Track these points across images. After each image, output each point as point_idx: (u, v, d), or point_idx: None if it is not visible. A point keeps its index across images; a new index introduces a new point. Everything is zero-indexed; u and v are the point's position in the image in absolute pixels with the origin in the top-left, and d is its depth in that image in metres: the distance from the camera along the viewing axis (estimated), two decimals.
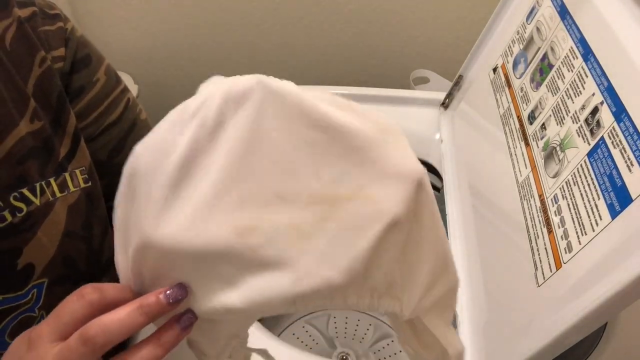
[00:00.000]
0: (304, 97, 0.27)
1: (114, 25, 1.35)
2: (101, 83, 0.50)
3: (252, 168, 0.26)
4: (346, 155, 0.27)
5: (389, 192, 0.27)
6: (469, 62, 0.71)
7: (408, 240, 0.28)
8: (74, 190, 0.45)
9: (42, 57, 0.44)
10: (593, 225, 0.35)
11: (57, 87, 0.45)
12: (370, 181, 0.27)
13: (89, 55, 0.50)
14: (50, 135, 0.44)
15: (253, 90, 0.28)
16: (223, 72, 0.33)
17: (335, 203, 0.26)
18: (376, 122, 0.28)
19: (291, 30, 1.31)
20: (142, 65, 1.43)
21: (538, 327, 0.37)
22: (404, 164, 0.27)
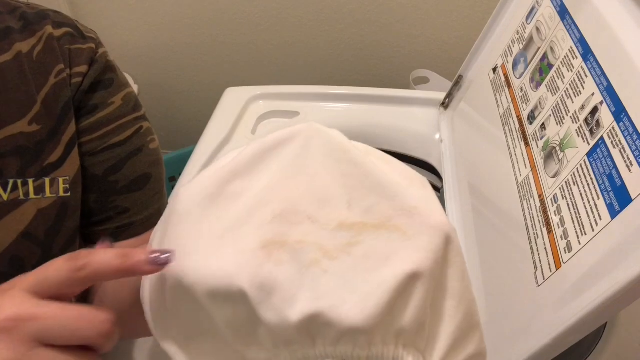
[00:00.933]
0: (344, 138, 0.31)
1: (114, 25, 1.35)
2: (115, 106, 0.52)
3: (289, 192, 0.29)
4: (377, 191, 0.29)
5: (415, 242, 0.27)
6: (469, 62, 0.71)
7: (435, 292, 0.28)
8: (50, 196, 0.46)
9: (60, 69, 0.47)
10: (593, 225, 0.35)
11: (65, 98, 0.47)
12: (397, 214, 0.28)
13: (112, 79, 0.52)
14: (43, 140, 0.45)
15: (301, 130, 0.31)
16: (223, 72, 0.33)
17: (363, 231, 0.28)
18: (403, 171, 0.31)
19: (291, 30, 1.31)
20: (142, 65, 1.43)
21: (538, 327, 0.37)
22: (432, 216, 0.28)
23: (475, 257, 0.54)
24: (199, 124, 0.79)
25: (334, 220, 0.28)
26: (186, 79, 1.44)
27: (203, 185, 0.30)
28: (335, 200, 0.28)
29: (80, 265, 0.27)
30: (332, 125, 0.33)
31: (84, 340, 0.27)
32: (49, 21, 0.48)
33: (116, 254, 0.28)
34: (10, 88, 0.44)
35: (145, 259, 0.28)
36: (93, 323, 0.27)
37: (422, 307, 0.27)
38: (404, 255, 0.27)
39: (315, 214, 0.28)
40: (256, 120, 0.77)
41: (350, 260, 0.27)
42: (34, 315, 0.26)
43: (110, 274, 0.28)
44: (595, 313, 0.31)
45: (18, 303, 0.26)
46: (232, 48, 1.36)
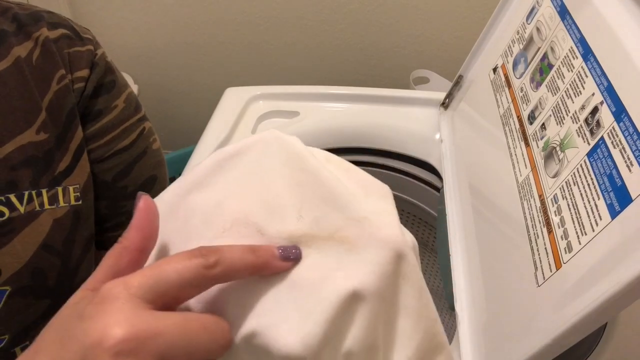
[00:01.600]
0: (302, 146, 0.30)
1: (114, 25, 1.35)
2: (119, 109, 0.52)
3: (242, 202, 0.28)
4: (329, 200, 0.28)
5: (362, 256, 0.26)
6: (469, 62, 0.71)
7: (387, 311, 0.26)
8: (64, 205, 0.45)
9: (61, 75, 0.47)
10: (593, 225, 0.35)
11: (69, 105, 0.47)
12: (346, 225, 0.27)
13: (113, 81, 0.52)
14: (52, 149, 0.45)
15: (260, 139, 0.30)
16: (223, 72, 0.34)
17: (311, 243, 0.27)
18: (361, 179, 0.30)
19: (291, 30, 1.31)
20: (142, 65, 1.43)
21: (538, 327, 0.37)
22: (383, 229, 0.27)
23: (475, 257, 0.54)
24: (199, 124, 0.79)
25: (283, 232, 0.27)
26: (186, 79, 1.44)
27: (166, 197, 0.30)
28: (286, 210, 0.27)
29: (212, 262, 0.23)
30: (333, 125, 0.32)
31: (206, 353, 0.23)
32: (44, 23, 0.47)
33: (246, 248, 0.25)
34: (14, 96, 0.43)
35: (276, 254, 0.25)
36: (216, 334, 0.24)
37: (369, 328, 0.25)
38: (348, 270, 0.25)
39: (265, 226, 0.27)
40: (256, 120, 0.77)
41: (295, 275, 0.26)
42: (156, 331, 0.21)
43: (245, 270, 0.25)
44: (595, 313, 0.31)
45: (132, 317, 0.21)
46: (232, 48, 1.36)
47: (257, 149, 0.30)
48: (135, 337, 0.21)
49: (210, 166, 0.30)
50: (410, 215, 0.86)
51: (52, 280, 0.44)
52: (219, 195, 0.29)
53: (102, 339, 0.21)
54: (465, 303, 0.52)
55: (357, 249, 0.26)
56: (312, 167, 0.29)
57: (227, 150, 0.31)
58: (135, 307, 0.22)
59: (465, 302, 0.52)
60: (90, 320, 0.22)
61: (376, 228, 0.27)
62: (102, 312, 0.22)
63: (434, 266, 0.89)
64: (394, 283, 0.26)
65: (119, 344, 0.21)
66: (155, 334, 0.21)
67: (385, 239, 0.27)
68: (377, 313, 0.26)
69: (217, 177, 0.30)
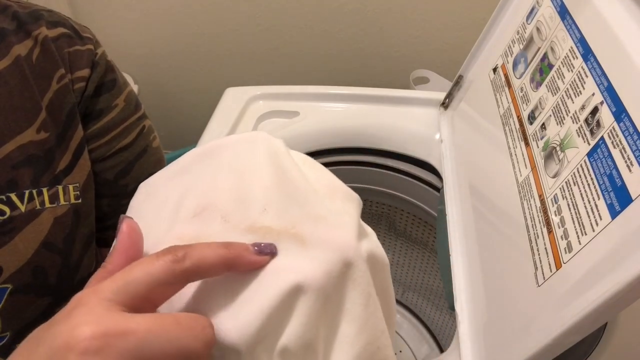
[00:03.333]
0: (284, 147, 0.31)
1: (114, 25, 1.35)
2: (119, 108, 0.52)
3: (214, 190, 0.29)
4: (293, 197, 0.29)
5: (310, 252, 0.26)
6: (469, 62, 0.71)
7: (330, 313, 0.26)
8: (64, 203, 0.46)
9: (61, 74, 0.47)
10: (593, 225, 0.35)
11: (69, 104, 0.47)
12: (303, 221, 0.28)
13: (114, 80, 0.52)
14: (52, 147, 0.45)
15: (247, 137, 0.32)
16: (223, 72, 0.34)
17: (267, 235, 0.27)
18: (332, 184, 0.31)
19: (291, 30, 1.31)
20: (142, 65, 1.43)
21: (538, 327, 0.37)
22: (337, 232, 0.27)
23: (475, 257, 0.54)
24: (199, 124, 0.79)
25: (244, 222, 0.28)
26: (186, 79, 1.44)
27: (153, 179, 0.32)
28: (253, 203, 0.28)
29: (180, 256, 0.23)
30: (333, 125, 0.34)
31: (185, 350, 0.22)
32: (43, 21, 0.47)
33: (219, 243, 0.25)
34: (14, 95, 0.43)
35: (250, 248, 0.25)
36: (194, 330, 0.23)
37: (308, 325, 0.25)
38: (295, 265, 0.26)
39: (229, 214, 0.28)
40: (256, 120, 0.77)
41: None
42: (125, 329, 0.21)
43: (216, 265, 0.24)
44: (595, 313, 0.31)
45: (100, 317, 0.21)
46: (232, 48, 1.36)
47: (241, 145, 0.31)
48: (102, 335, 0.20)
49: (196, 155, 0.32)
50: (410, 215, 0.86)
51: (53, 278, 0.45)
52: (197, 181, 0.30)
53: (69, 339, 0.20)
54: (465, 303, 0.52)
55: (308, 246, 0.27)
56: (285, 166, 0.30)
57: (212, 144, 0.32)
58: (104, 309, 0.21)
59: (465, 302, 0.52)
60: (58, 325, 0.21)
61: (331, 228, 0.28)
62: (71, 316, 0.21)
63: (434, 266, 0.89)
64: (340, 284, 0.26)
65: (86, 341, 0.20)
66: (124, 332, 0.21)
67: (337, 242, 0.27)
68: (319, 311, 0.25)
69: (198, 166, 0.31)
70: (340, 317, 0.26)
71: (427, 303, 0.96)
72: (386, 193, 0.84)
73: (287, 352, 0.25)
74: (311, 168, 0.32)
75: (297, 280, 0.25)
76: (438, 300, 0.93)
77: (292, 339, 0.25)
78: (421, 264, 0.92)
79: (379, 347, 0.27)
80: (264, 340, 0.24)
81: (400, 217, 0.88)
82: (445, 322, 0.92)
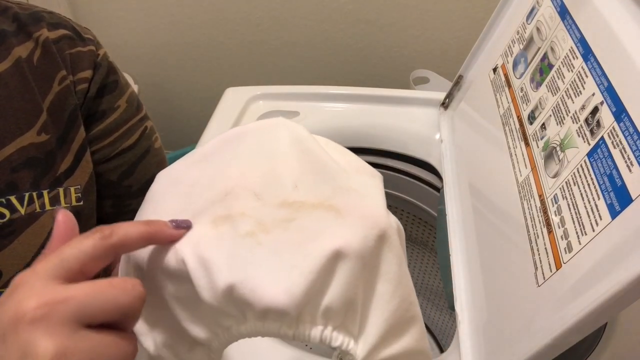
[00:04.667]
0: (306, 131, 0.33)
1: (113, 25, 1.35)
2: (122, 109, 0.52)
3: (244, 172, 0.30)
4: (323, 174, 0.31)
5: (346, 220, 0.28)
6: (469, 62, 0.71)
7: (368, 274, 0.28)
8: (65, 206, 0.46)
9: (63, 76, 0.47)
10: (593, 225, 0.35)
11: (71, 106, 0.47)
12: (335, 194, 0.30)
13: (116, 81, 0.52)
14: (53, 150, 0.45)
15: (269, 123, 0.33)
16: (223, 72, 0.34)
17: (301, 208, 0.29)
18: (356, 163, 0.33)
19: (291, 30, 1.31)
20: (142, 65, 1.43)
21: (538, 327, 0.37)
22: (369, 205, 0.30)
23: (476, 257, 0.54)
24: (199, 124, 0.79)
25: (278, 197, 0.29)
26: (186, 79, 1.44)
27: (174, 168, 0.33)
28: (283, 181, 0.30)
29: (108, 233, 0.25)
30: (333, 125, 0.34)
31: (122, 308, 0.25)
32: (44, 23, 0.47)
33: (140, 221, 0.27)
34: (15, 97, 0.43)
35: (168, 224, 0.27)
36: (126, 288, 0.25)
37: (349, 285, 0.27)
38: (333, 232, 0.27)
39: (262, 192, 0.29)
40: (256, 120, 0.77)
41: (284, 235, 0.28)
42: (66, 296, 0.23)
43: (138, 240, 0.26)
44: (595, 313, 0.31)
45: (41, 290, 0.23)
46: (232, 48, 1.36)
47: (263, 130, 0.33)
48: (45, 304, 0.22)
49: (217, 143, 0.33)
50: (410, 215, 0.86)
51: None
52: (224, 165, 0.31)
53: (16, 313, 0.22)
54: (465, 303, 0.52)
55: (344, 215, 0.28)
56: (312, 147, 0.32)
57: (235, 130, 0.33)
58: (43, 284, 0.23)
59: (465, 302, 0.52)
60: (3, 305, 0.23)
61: (363, 200, 0.30)
62: (13, 294, 0.23)
63: (434, 266, 0.89)
64: (376, 249, 0.28)
65: (32, 311, 0.22)
66: (65, 298, 0.23)
67: (370, 213, 0.29)
68: (358, 274, 0.27)
69: (223, 152, 0.32)
70: (377, 278, 0.28)
71: (427, 303, 0.96)
72: (386, 193, 0.84)
73: (330, 311, 0.27)
74: (334, 150, 0.34)
75: (338, 245, 0.27)
76: (438, 300, 0.93)
77: (335, 299, 0.27)
78: (421, 264, 0.92)
79: (411, 302, 0.30)
80: (310, 302, 0.26)
81: (400, 217, 0.88)
82: (445, 322, 0.92)
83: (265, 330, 0.27)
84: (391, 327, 0.28)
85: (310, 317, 0.27)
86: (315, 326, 0.27)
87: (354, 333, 0.28)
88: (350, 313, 0.28)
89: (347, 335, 0.28)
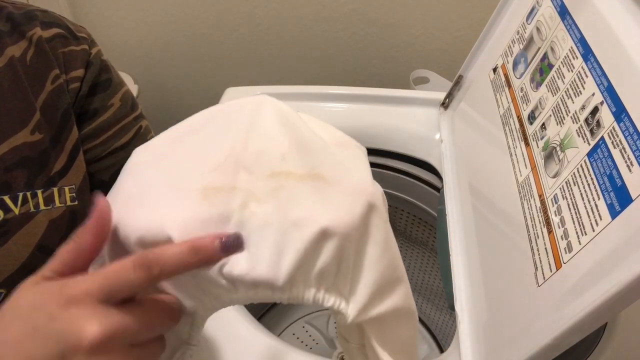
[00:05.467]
0: (290, 109, 0.34)
1: (113, 25, 1.35)
2: (115, 108, 0.51)
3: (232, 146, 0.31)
4: (309, 148, 0.31)
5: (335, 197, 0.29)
6: (469, 62, 0.71)
7: (356, 244, 0.29)
8: (59, 206, 0.45)
9: (56, 75, 0.46)
10: (593, 225, 0.35)
11: (64, 105, 0.46)
12: (322, 165, 0.31)
13: (109, 80, 0.51)
14: (47, 149, 0.45)
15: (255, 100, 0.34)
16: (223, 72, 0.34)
17: (289, 178, 0.30)
18: (339, 137, 0.35)
19: (291, 30, 1.31)
20: (142, 65, 1.43)
21: (538, 327, 0.37)
22: (356, 183, 0.30)
23: (475, 257, 0.54)
24: None
25: (267, 169, 0.30)
26: (186, 79, 1.44)
27: (155, 143, 0.33)
28: (272, 154, 0.30)
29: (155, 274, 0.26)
30: (333, 125, 0.35)
31: (165, 327, 0.28)
32: (37, 22, 0.47)
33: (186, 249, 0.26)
34: (8, 96, 0.43)
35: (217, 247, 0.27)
36: (171, 313, 0.27)
37: (340, 250, 0.28)
38: (323, 202, 0.29)
39: (251, 165, 0.30)
40: None
41: (274, 205, 0.28)
42: (123, 326, 0.25)
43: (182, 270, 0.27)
44: (595, 313, 0.31)
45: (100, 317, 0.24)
46: (232, 48, 1.36)
47: (250, 107, 0.33)
48: (106, 335, 0.24)
49: (201, 119, 0.34)
50: (410, 215, 0.86)
51: None
52: (211, 140, 0.32)
53: (78, 341, 0.24)
54: (465, 303, 0.52)
55: (332, 186, 0.30)
56: (294, 123, 0.33)
57: (221, 106, 0.34)
58: (100, 308, 0.25)
59: (465, 302, 0.52)
60: (62, 322, 0.24)
61: (349, 171, 0.31)
62: (72, 315, 0.24)
63: (434, 266, 0.89)
64: (366, 215, 0.29)
65: (93, 343, 0.24)
66: (123, 329, 0.25)
67: (357, 183, 0.30)
68: (349, 242, 0.29)
69: (207, 128, 0.33)
70: (367, 242, 0.30)
71: (427, 303, 0.96)
72: (386, 193, 0.84)
73: (322, 274, 0.28)
74: (318, 126, 0.35)
75: (327, 219, 0.28)
76: (438, 300, 0.93)
77: (327, 263, 0.28)
78: (421, 264, 0.92)
79: (397, 265, 0.31)
80: (302, 267, 0.28)
81: (400, 217, 0.88)
82: (445, 322, 0.92)
83: (258, 297, 0.28)
84: (380, 287, 0.30)
85: (304, 281, 0.28)
86: (309, 288, 0.28)
87: (345, 294, 0.30)
88: (341, 275, 0.29)
89: (338, 297, 0.29)
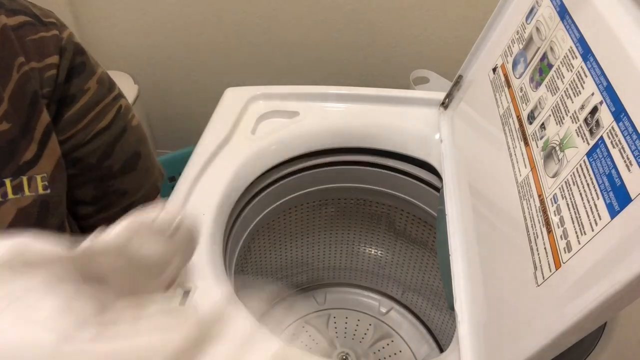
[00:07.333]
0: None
1: (113, 25, 1.35)
2: (92, 91, 0.51)
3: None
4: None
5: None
6: (469, 62, 0.71)
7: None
8: (29, 194, 0.45)
9: (21, 62, 0.45)
10: (592, 225, 0.35)
11: (30, 92, 0.46)
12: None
13: (83, 63, 0.51)
14: (16, 138, 0.44)
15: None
16: (223, 72, 0.34)
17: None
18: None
19: (291, 30, 1.31)
20: (142, 65, 1.43)
21: (538, 327, 0.37)
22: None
23: (475, 257, 0.54)
24: (199, 124, 0.79)
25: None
26: (186, 79, 1.44)
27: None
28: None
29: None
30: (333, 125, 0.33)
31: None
32: (2, 10, 0.46)
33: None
34: None
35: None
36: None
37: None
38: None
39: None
40: (256, 120, 0.77)
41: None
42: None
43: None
44: (595, 313, 0.31)
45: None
46: (232, 48, 1.36)
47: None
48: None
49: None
50: (410, 215, 0.86)
51: None
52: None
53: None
54: (465, 303, 0.52)
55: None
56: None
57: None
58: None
59: (465, 302, 0.52)
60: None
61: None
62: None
63: (434, 266, 0.89)
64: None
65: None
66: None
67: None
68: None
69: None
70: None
71: (427, 303, 0.96)
72: (386, 193, 0.84)
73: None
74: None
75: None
76: (438, 300, 0.93)
77: None
78: (421, 264, 0.92)
79: None
80: None
81: (400, 217, 0.88)
82: (445, 322, 0.92)
83: None
84: None
85: None
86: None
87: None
88: None
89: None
